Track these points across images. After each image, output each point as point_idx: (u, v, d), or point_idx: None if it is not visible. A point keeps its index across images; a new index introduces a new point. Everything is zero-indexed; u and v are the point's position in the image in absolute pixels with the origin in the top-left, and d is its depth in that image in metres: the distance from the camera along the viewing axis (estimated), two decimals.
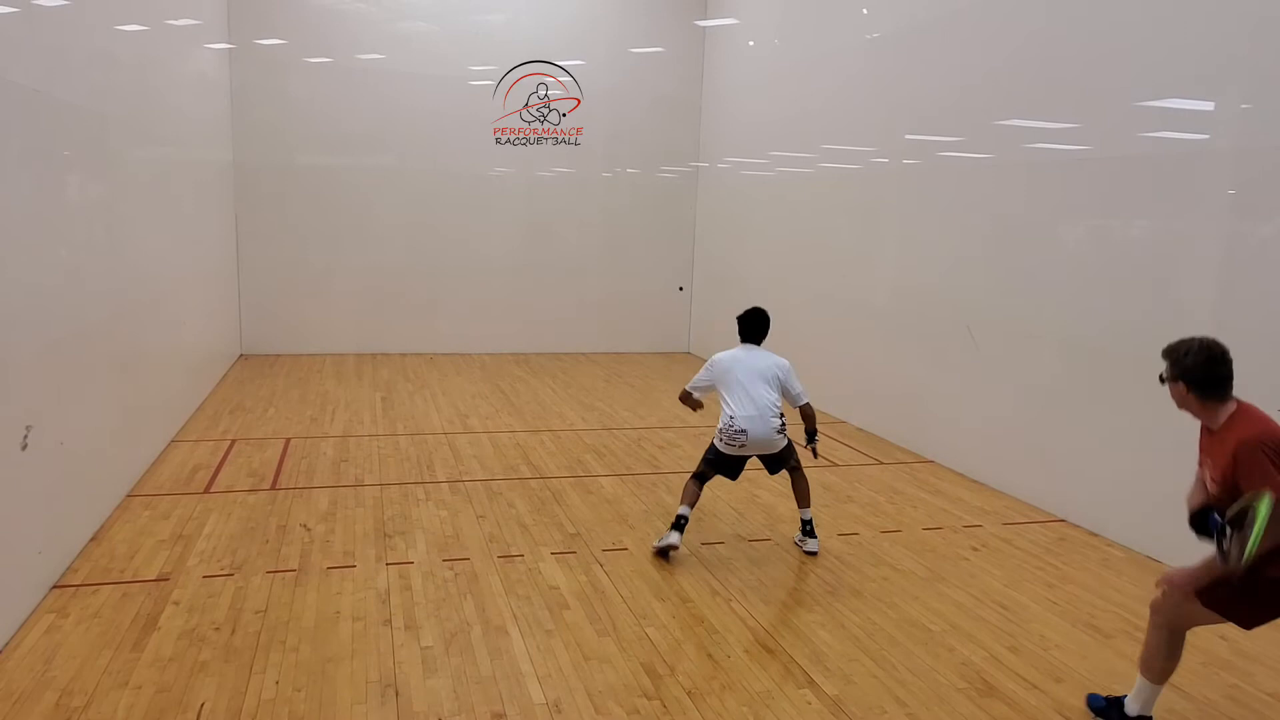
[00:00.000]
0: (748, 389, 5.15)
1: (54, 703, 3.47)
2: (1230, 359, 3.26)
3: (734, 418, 5.11)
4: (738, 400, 5.14)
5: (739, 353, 5.34)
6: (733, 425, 5.11)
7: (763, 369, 5.23)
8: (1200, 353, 3.28)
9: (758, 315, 5.44)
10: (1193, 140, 5.29)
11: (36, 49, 4.58)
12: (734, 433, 5.11)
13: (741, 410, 5.11)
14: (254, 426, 7.88)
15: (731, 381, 5.19)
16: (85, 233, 5.28)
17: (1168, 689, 3.89)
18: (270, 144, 11.13)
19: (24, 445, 4.14)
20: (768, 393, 5.17)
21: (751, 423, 5.10)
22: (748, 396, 5.13)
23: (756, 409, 5.11)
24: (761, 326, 5.43)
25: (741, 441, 5.12)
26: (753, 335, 5.41)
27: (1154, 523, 5.46)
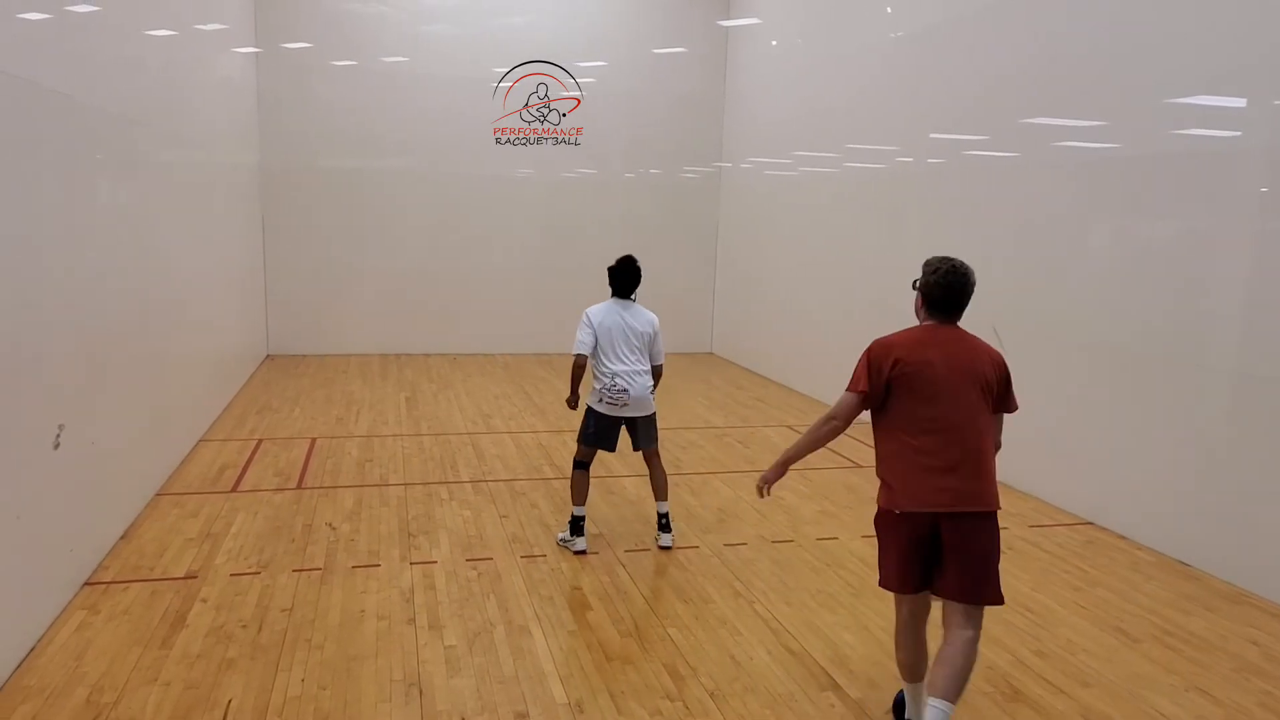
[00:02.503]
0: (629, 346, 5.17)
1: (85, 698, 3.53)
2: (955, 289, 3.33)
3: (616, 375, 5.13)
4: (618, 357, 5.15)
5: (616, 307, 5.28)
6: (615, 384, 5.12)
7: (640, 327, 5.23)
8: (934, 271, 3.38)
9: (632, 267, 5.35)
10: (1223, 138, 5.21)
11: (67, 55, 4.66)
12: (617, 391, 5.12)
13: (622, 367, 5.14)
14: (280, 426, 7.96)
15: (616, 338, 5.18)
16: (115, 235, 5.36)
17: (1196, 694, 3.84)
18: (296, 147, 11.24)
19: (56, 444, 4.21)
20: (643, 351, 5.22)
21: (631, 380, 5.13)
22: (630, 353, 5.16)
23: (634, 367, 5.16)
24: (635, 278, 5.35)
25: (625, 400, 5.12)
26: (626, 288, 5.33)
27: (1184, 526, 5.38)
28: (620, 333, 5.21)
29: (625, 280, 5.34)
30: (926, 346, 3.22)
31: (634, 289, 5.36)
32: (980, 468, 3.15)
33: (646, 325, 5.26)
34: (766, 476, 3.55)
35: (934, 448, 3.14)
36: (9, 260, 3.81)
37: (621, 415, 5.22)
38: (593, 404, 5.26)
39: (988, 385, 3.21)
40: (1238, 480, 5.05)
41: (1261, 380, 4.93)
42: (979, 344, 3.30)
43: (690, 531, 5.60)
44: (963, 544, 3.12)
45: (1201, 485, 5.29)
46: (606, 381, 5.16)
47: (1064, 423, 6.33)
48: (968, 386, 3.17)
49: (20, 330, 3.90)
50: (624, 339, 5.20)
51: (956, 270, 3.32)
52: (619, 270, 5.37)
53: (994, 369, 3.24)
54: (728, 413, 9.16)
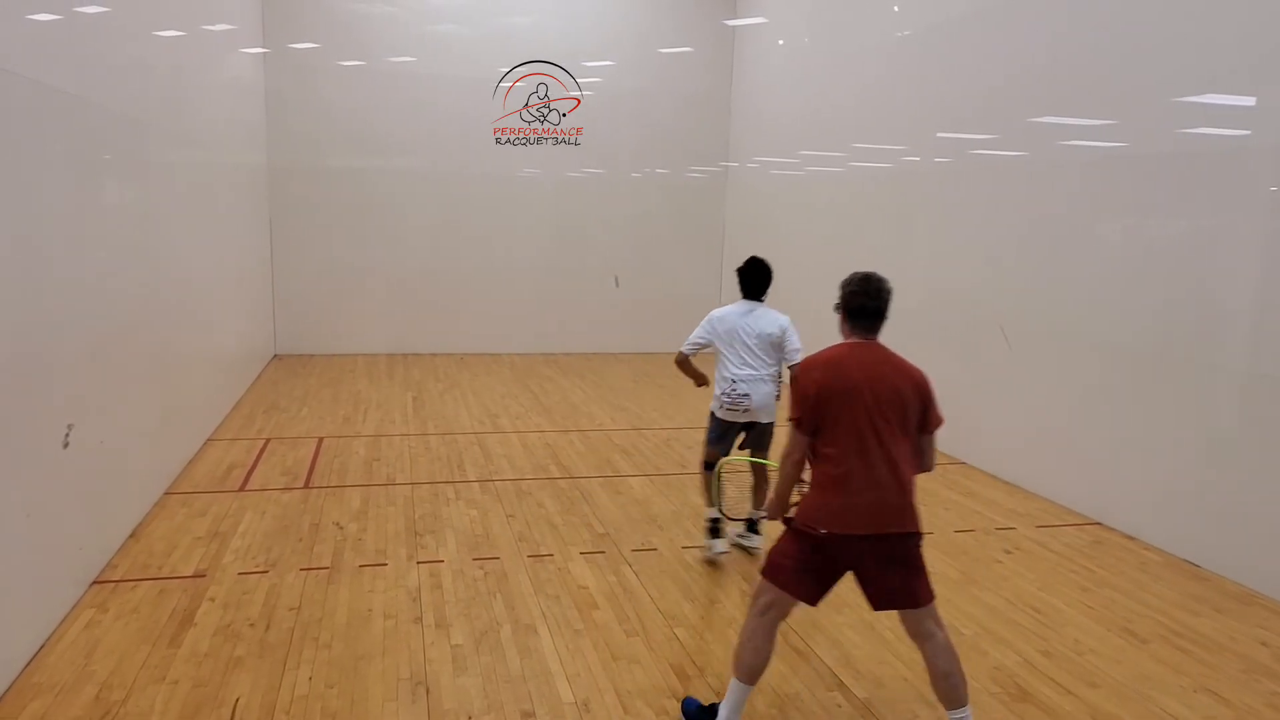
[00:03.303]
0: (753, 350, 4.96)
1: (94, 696, 3.54)
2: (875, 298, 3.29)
3: (735, 381, 4.96)
4: (740, 361, 4.97)
5: (741, 309, 5.06)
6: (735, 389, 4.96)
7: (766, 329, 4.99)
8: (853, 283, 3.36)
9: (760, 268, 5.09)
10: (1233, 136, 5.18)
11: (77, 56, 4.68)
12: (738, 397, 4.95)
13: (743, 371, 4.96)
14: (288, 426, 7.99)
15: (735, 342, 4.98)
16: (124, 235, 5.39)
17: (1205, 695, 3.82)
18: (303, 147, 11.27)
19: (66, 443, 4.23)
20: (769, 355, 5.00)
21: (753, 385, 4.95)
22: (754, 357, 4.95)
23: (758, 372, 4.96)
24: (764, 279, 5.09)
25: (745, 405, 4.96)
26: (756, 290, 5.10)
27: (1193, 526, 5.36)
28: (740, 335, 4.98)
29: (753, 281, 5.07)
30: (848, 366, 3.17)
31: (764, 290, 5.09)
32: (891, 490, 3.10)
33: (772, 326, 4.99)
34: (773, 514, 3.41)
35: (852, 467, 3.09)
36: (18, 260, 3.83)
37: (740, 422, 5.07)
38: (714, 408, 5.10)
39: (908, 405, 3.15)
40: (1246, 480, 5.02)
41: (1271, 380, 4.91)
42: (901, 362, 3.24)
43: (697, 531, 5.60)
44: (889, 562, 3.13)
45: (1210, 485, 5.27)
46: (726, 387, 5.00)
47: (1071, 422, 6.31)
48: (895, 406, 3.12)
49: (29, 330, 3.92)
50: (744, 342, 4.97)
51: (871, 280, 3.31)
52: (747, 271, 5.10)
53: (914, 388, 3.17)
54: None
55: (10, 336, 3.72)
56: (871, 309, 3.26)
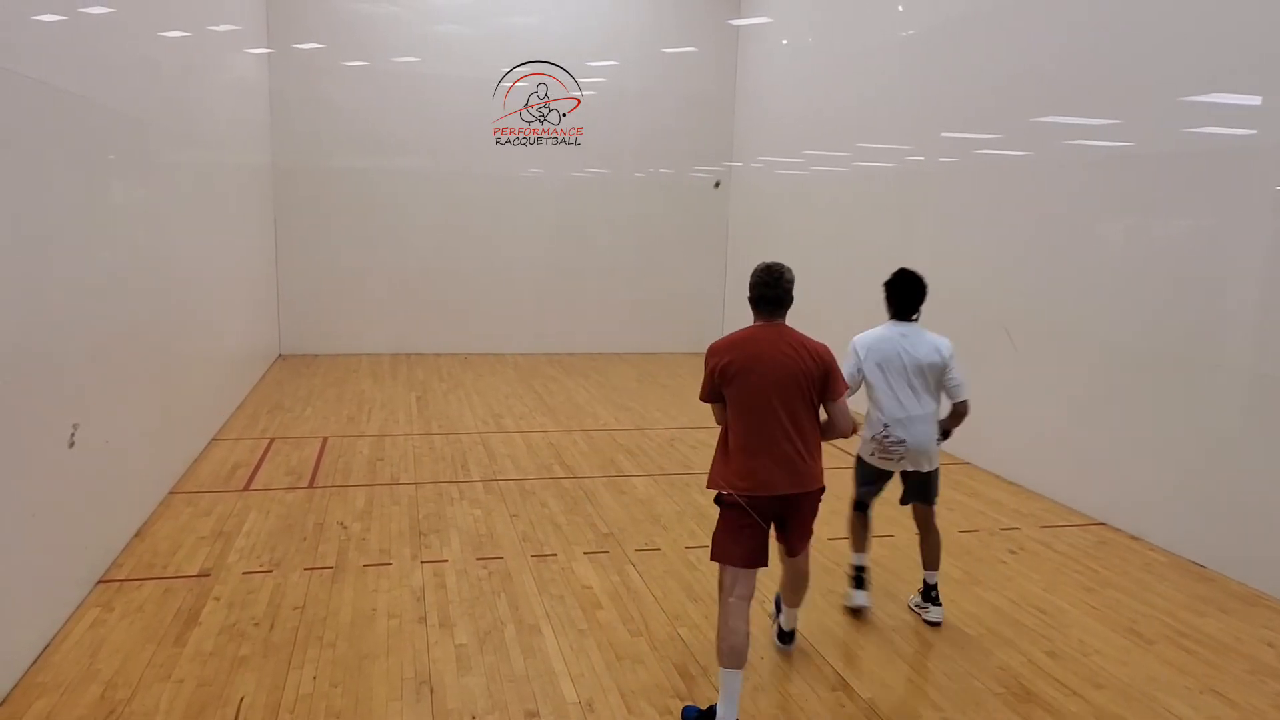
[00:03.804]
0: (908, 382, 4.12)
1: (99, 695, 3.55)
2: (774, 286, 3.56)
3: (889, 424, 4.15)
4: (893, 398, 4.14)
5: (892, 333, 4.20)
6: (889, 434, 4.14)
7: (926, 356, 4.14)
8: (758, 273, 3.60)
9: (914, 281, 4.23)
10: (1239, 136, 5.17)
11: (82, 56, 4.69)
12: (892, 444, 4.14)
13: (897, 412, 4.13)
14: (292, 425, 8.00)
15: (890, 373, 4.14)
16: (129, 235, 5.40)
17: (1211, 696, 3.82)
18: (307, 147, 11.29)
19: (71, 443, 4.24)
20: (929, 389, 4.18)
21: (910, 428, 4.12)
22: (908, 392, 4.12)
23: (916, 410, 4.14)
24: (919, 295, 4.21)
25: (900, 453, 4.15)
26: (908, 308, 4.22)
27: (1198, 526, 5.35)
28: (898, 366, 4.14)
29: (906, 297, 4.22)
30: (753, 344, 3.47)
31: (917, 308, 4.23)
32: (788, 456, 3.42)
33: (932, 353, 4.15)
34: None
35: (752, 435, 3.42)
36: (23, 260, 3.84)
37: (895, 469, 4.32)
38: (861, 452, 4.30)
39: (808, 377, 3.44)
40: (1252, 480, 5.01)
41: (1275, 380, 4.89)
42: (801, 340, 3.52)
43: (701, 531, 5.59)
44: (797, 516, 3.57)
45: (1215, 485, 5.25)
46: (877, 430, 4.16)
47: (1076, 422, 6.29)
48: (788, 380, 3.42)
49: (35, 330, 3.93)
50: (903, 374, 4.14)
51: (771, 270, 3.58)
52: (897, 285, 4.27)
53: (814, 361, 3.47)
54: None
55: (16, 336, 3.73)
56: (770, 296, 3.55)
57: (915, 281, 4.24)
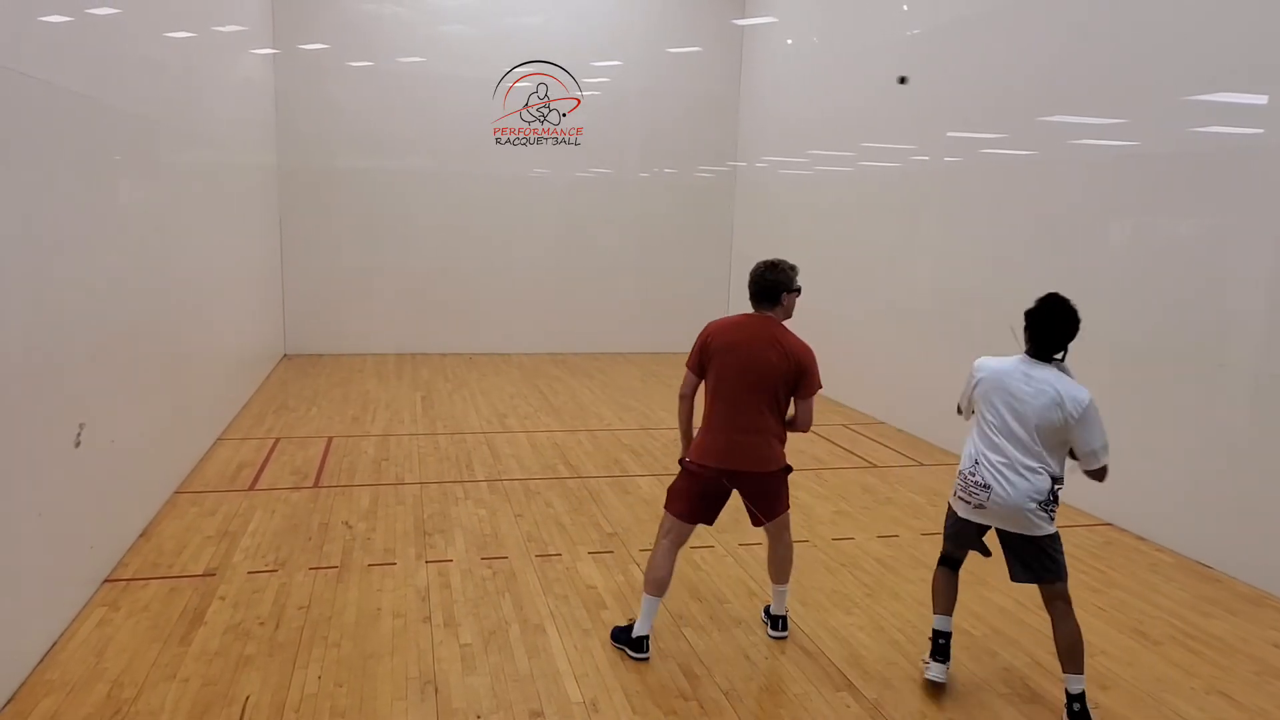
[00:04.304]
0: (1013, 428, 3.44)
1: (105, 694, 3.56)
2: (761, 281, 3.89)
3: (979, 461, 3.52)
4: (989, 437, 3.50)
5: (1018, 367, 3.51)
6: (974, 475, 3.52)
7: (1040, 406, 3.41)
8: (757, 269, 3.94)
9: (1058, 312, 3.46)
10: (1245, 135, 5.15)
11: (88, 57, 4.70)
12: (974, 487, 3.51)
13: (993, 454, 3.48)
14: (297, 425, 8.01)
15: (997, 405, 3.49)
16: (134, 235, 5.41)
17: (1217, 697, 3.81)
18: (313, 147, 11.31)
19: (77, 443, 4.25)
20: (1043, 444, 3.44)
21: (1001, 475, 3.45)
22: (1013, 440, 3.44)
23: (1010, 456, 3.44)
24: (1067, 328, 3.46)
25: (980, 500, 3.49)
26: (1047, 345, 3.50)
27: (1204, 527, 5.33)
28: (1004, 402, 3.47)
29: (1047, 331, 3.47)
30: (737, 330, 3.86)
31: (1062, 345, 3.48)
32: (746, 435, 3.80)
33: (1052, 409, 3.38)
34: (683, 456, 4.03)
35: (719, 413, 3.83)
36: (30, 261, 3.86)
37: (977, 521, 3.61)
38: (950, 500, 3.74)
39: (775, 371, 3.77)
40: (1259, 481, 4.99)
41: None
42: (782, 336, 3.83)
43: (705, 531, 5.58)
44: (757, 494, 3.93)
45: (1222, 486, 5.24)
46: (965, 464, 3.56)
47: None
48: (756, 371, 3.77)
49: (41, 330, 3.94)
50: (1010, 417, 3.45)
51: (767, 265, 3.93)
52: (1038, 315, 3.50)
53: (786, 358, 3.78)
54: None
55: (22, 336, 3.74)
56: (757, 289, 3.90)
57: (1061, 312, 3.42)
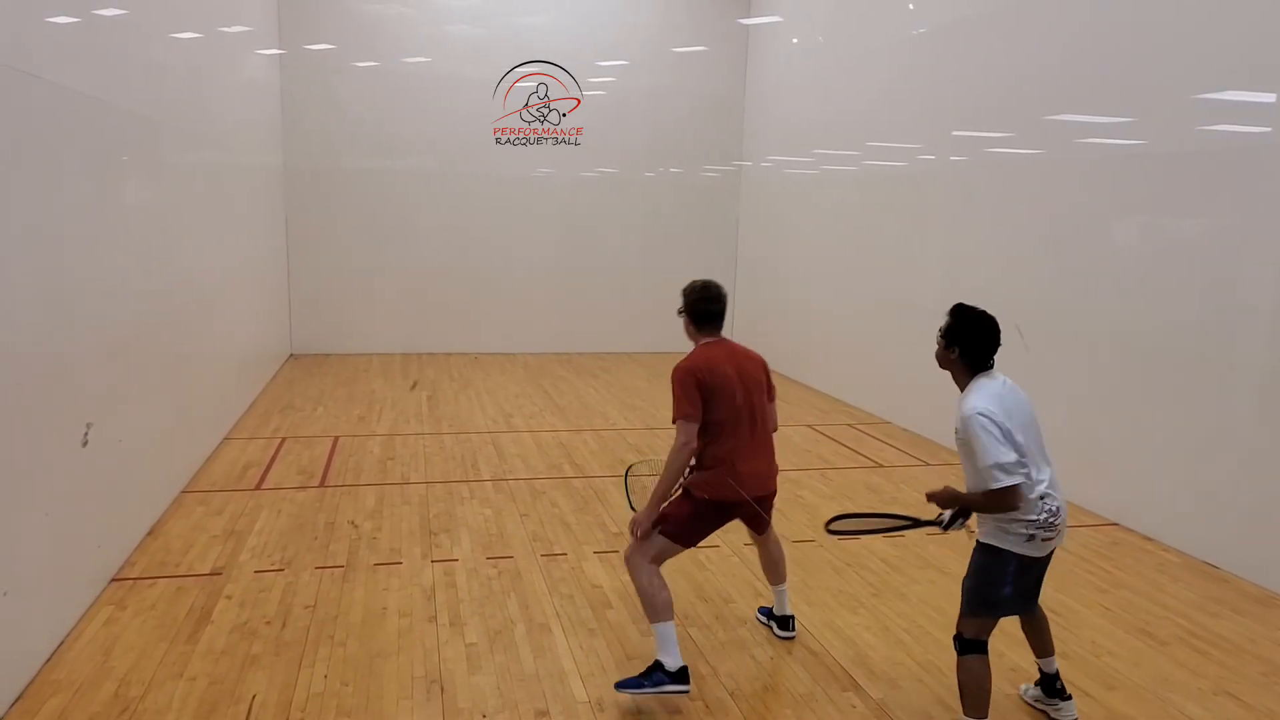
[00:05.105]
0: (1032, 445, 3.28)
1: (113, 692, 3.57)
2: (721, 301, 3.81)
3: (1042, 498, 3.22)
4: (1035, 463, 3.26)
5: (1001, 389, 3.32)
6: (1046, 506, 3.21)
7: (1031, 408, 3.38)
8: (699, 290, 3.79)
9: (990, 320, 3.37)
10: (1252, 134, 5.13)
11: (96, 58, 4.72)
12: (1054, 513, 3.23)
13: (1045, 472, 3.27)
14: (303, 425, 8.03)
15: (1028, 435, 3.28)
16: (142, 236, 5.43)
17: (1225, 698, 3.79)
18: (319, 148, 11.33)
19: (84, 442, 4.27)
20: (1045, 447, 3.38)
21: (1057, 498, 3.27)
22: (1039, 455, 3.30)
23: (1050, 474, 3.30)
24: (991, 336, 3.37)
25: (1059, 526, 3.26)
26: (986, 354, 3.38)
27: (1212, 527, 5.31)
28: (1031, 422, 3.31)
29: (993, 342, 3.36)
30: (722, 361, 3.73)
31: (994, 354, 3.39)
32: (771, 454, 3.89)
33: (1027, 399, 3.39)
34: (639, 520, 3.71)
35: (743, 443, 3.73)
36: (38, 261, 3.87)
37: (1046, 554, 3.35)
38: (1009, 546, 3.24)
39: (762, 385, 3.84)
40: (1267, 481, 4.97)
41: None
42: (747, 350, 3.90)
43: None
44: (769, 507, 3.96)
45: (1230, 486, 5.22)
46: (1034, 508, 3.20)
47: (1089, 422, 6.26)
48: (754, 388, 3.78)
49: (49, 330, 3.96)
50: (1037, 432, 3.33)
51: (711, 287, 3.82)
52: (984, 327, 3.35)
53: (762, 369, 3.89)
54: None
55: (30, 336, 3.76)
56: (716, 312, 3.82)
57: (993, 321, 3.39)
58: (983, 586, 3.31)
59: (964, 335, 3.34)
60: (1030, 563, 3.30)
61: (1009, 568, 3.25)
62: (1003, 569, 3.25)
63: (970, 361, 3.35)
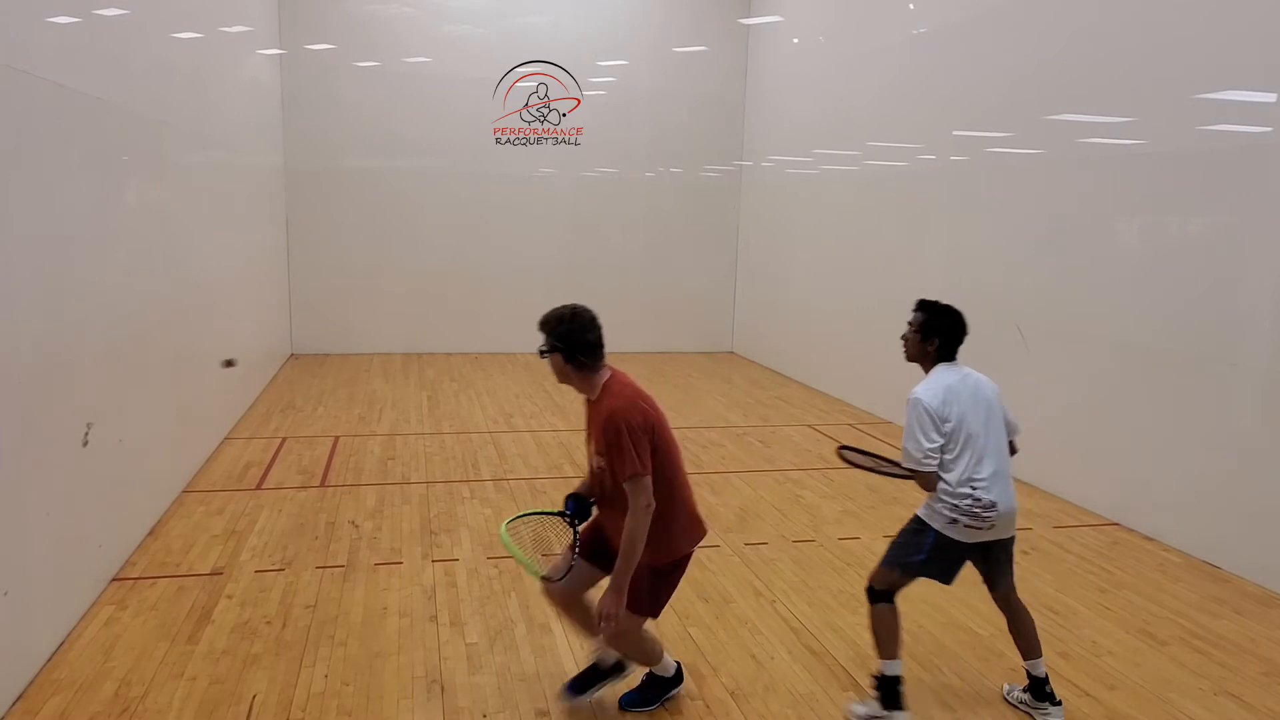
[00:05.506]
0: (990, 435, 3.48)
1: (113, 692, 3.58)
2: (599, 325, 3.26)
3: (976, 481, 3.42)
4: (978, 456, 3.44)
5: (958, 381, 3.51)
6: (979, 498, 3.39)
7: (993, 399, 3.55)
8: (572, 320, 3.22)
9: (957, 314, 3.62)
10: (1253, 133, 5.13)
11: (98, 58, 4.72)
12: (983, 507, 3.39)
13: (986, 466, 3.43)
14: (304, 425, 8.03)
15: (973, 427, 3.45)
16: (143, 236, 5.43)
17: (1226, 698, 3.79)
18: (320, 147, 11.33)
19: (85, 442, 4.27)
20: (1003, 438, 3.56)
21: (1002, 487, 3.45)
22: (993, 447, 3.48)
23: (1003, 464, 3.49)
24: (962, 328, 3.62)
25: (992, 520, 3.41)
26: (957, 345, 3.61)
27: (1213, 527, 5.31)
28: (982, 414, 3.48)
29: (958, 333, 3.61)
30: (643, 397, 3.25)
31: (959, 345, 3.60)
32: None
33: (993, 393, 3.56)
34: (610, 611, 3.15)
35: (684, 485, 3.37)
36: (39, 261, 3.87)
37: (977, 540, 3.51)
38: (933, 523, 3.51)
39: None
40: (1269, 481, 4.97)
41: None
42: None
43: (711, 531, 5.58)
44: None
45: (1231, 486, 5.21)
46: (964, 490, 3.40)
47: (1090, 422, 6.26)
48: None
49: (50, 330, 3.96)
50: (986, 423, 3.48)
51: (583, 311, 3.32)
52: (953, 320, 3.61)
53: None
54: (748, 412, 9.15)
55: (31, 336, 3.76)
56: (601, 338, 3.29)
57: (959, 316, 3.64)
58: (900, 549, 3.60)
59: (941, 328, 3.58)
60: (952, 544, 3.49)
61: (927, 541, 3.51)
62: (921, 540, 3.54)
63: (945, 353, 3.58)
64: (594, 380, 3.27)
